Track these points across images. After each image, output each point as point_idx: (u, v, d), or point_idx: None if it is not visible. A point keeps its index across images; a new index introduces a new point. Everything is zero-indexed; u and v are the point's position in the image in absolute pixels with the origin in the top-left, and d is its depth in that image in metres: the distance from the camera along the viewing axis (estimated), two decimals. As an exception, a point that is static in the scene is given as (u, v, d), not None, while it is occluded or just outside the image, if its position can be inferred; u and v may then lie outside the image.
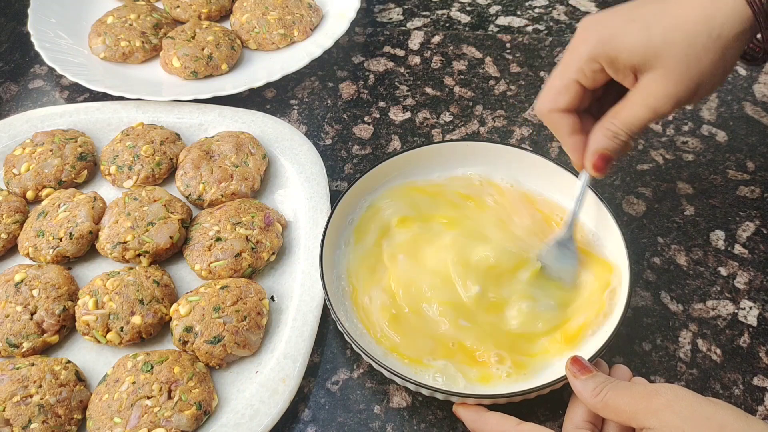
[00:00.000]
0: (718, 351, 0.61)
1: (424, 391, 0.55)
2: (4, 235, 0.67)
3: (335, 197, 0.72)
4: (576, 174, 0.63)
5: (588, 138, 0.58)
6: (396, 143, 0.77)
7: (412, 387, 0.55)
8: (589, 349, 0.56)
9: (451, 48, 0.88)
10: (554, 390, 0.55)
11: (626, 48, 0.53)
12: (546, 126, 0.61)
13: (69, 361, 0.59)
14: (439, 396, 0.55)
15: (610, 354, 0.60)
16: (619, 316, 0.56)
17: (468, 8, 0.93)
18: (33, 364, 0.57)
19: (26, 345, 0.59)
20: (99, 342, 0.60)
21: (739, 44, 0.52)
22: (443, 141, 0.76)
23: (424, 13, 0.92)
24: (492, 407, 0.54)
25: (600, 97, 0.59)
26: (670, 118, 0.78)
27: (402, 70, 0.85)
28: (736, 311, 0.63)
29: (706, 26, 0.52)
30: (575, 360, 0.52)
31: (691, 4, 0.52)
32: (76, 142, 0.73)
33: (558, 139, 0.60)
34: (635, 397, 0.48)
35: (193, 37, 0.82)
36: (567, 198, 0.65)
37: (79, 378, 0.58)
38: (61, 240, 0.65)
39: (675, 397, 0.46)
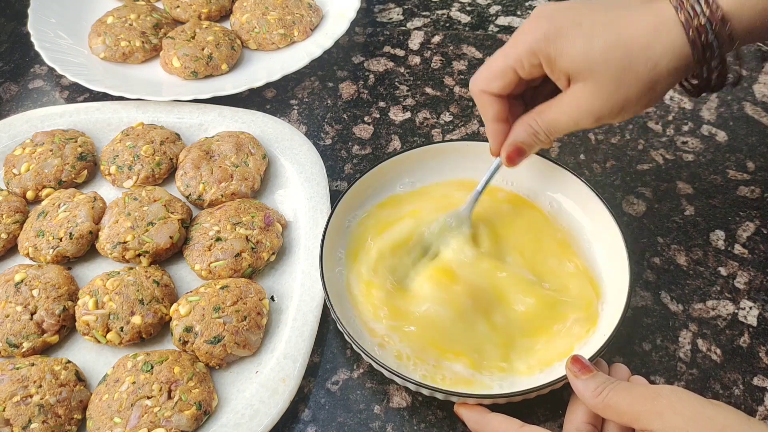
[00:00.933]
0: (718, 351, 0.61)
1: (425, 391, 0.55)
2: (4, 235, 0.67)
3: (335, 197, 0.72)
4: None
5: (510, 127, 0.59)
6: (396, 143, 0.77)
7: (412, 387, 0.55)
8: (588, 349, 0.56)
9: (451, 48, 0.88)
10: (554, 390, 0.55)
11: (566, 52, 0.53)
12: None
13: (69, 361, 0.59)
14: (439, 396, 0.55)
15: (610, 354, 0.60)
16: (618, 316, 0.56)
17: (468, 8, 0.93)
18: (33, 364, 0.57)
19: (26, 345, 0.59)
20: (99, 342, 0.60)
21: (672, 79, 0.53)
22: (443, 141, 0.76)
23: (424, 13, 0.92)
24: (492, 407, 0.54)
25: (537, 86, 0.59)
26: (670, 117, 0.78)
27: (402, 70, 0.85)
28: (736, 311, 0.63)
29: (644, 53, 0.52)
30: (576, 359, 0.52)
31: (636, 26, 0.52)
32: (76, 142, 0.73)
33: (482, 120, 0.61)
34: (637, 398, 0.48)
35: (193, 37, 0.82)
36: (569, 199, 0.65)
37: (79, 378, 0.58)
38: (61, 240, 0.65)
39: (677, 399, 0.46)
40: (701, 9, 0.50)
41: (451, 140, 0.76)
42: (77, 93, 0.84)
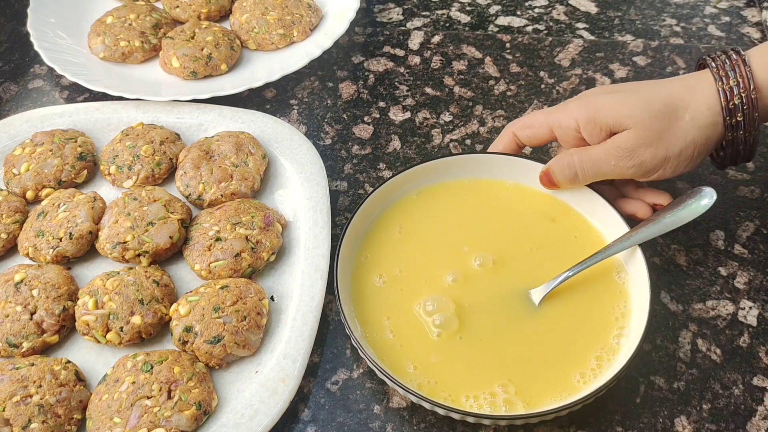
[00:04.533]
0: (718, 351, 0.61)
1: (426, 405, 0.55)
2: (3, 235, 0.67)
3: (335, 197, 0.72)
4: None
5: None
6: (396, 143, 0.77)
7: (414, 399, 0.55)
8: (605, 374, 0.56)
9: (451, 48, 0.88)
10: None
11: (606, 107, 0.60)
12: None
13: (69, 361, 0.59)
14: (441, 411, 0.54)
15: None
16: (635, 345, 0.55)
17: (468, 8, 0.93)
18: (33, 364, 0.57)
19: (26, 345, 0.59)
20: (99, 342, 0.60)
21: (707, 133, 0.59)
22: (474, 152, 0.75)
23: (423, 13, 0.92)
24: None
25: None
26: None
27: (402, 70, 0.85)
28: (735, 311, 0.63)
29: (681, 103, 0.59)
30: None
31: (673, 84, 0.60)
32: (75, 142, 0.73)
33: (494, 142, 0.68)
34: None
35: (193, 37, 0.82)
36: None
37: (79, 378, 0.58)
38: (60, 240, 0.65)
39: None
40: (734, 77, 0.58)
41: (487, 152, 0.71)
42: (77, 93, 0.84)
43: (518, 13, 0.92)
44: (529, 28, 0.89)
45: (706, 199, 0.62)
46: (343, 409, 0.59)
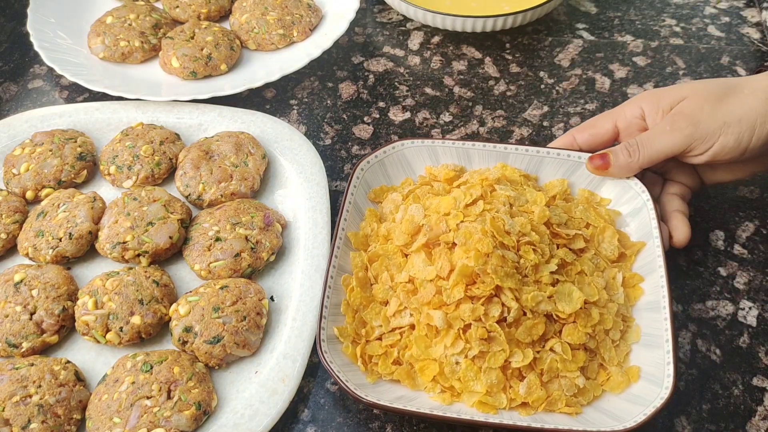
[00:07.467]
0: (718, 351, 0.61)
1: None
2: (3, 235, 0.66)
3: (335, 197, 0.72)
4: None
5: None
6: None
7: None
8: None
9: (451, 48, 0.88)
10: None
11: (670, 89, 0.62)
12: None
13: (68, 361, 0.59)
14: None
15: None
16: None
17: (467, 8, 0.93)
18: (32, 364, 0.57)
19: (25, 345, 0.59)
20: (98, 342, 0.60)
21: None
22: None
23: (423, 14, 0.92)
24: None
25: None
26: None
27: (402, 70, 0.85)
28: (735, 311, 0.63)
29: (749, 85, 0.59)
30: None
31: (741, 80, 0.61)
32: (75, 142, 0.73)
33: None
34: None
35: (192, 38, 0.82)
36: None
37: (79, 378, 0.58)
38: (60, 240, 0.64)
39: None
40: None
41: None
42: (77, 93, 0.84)
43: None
44: (529, 28, 0.89)
45: None
46: (342, 409, 0.59)
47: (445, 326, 0.55)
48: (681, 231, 0.62)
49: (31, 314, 0.60)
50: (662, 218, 0.63)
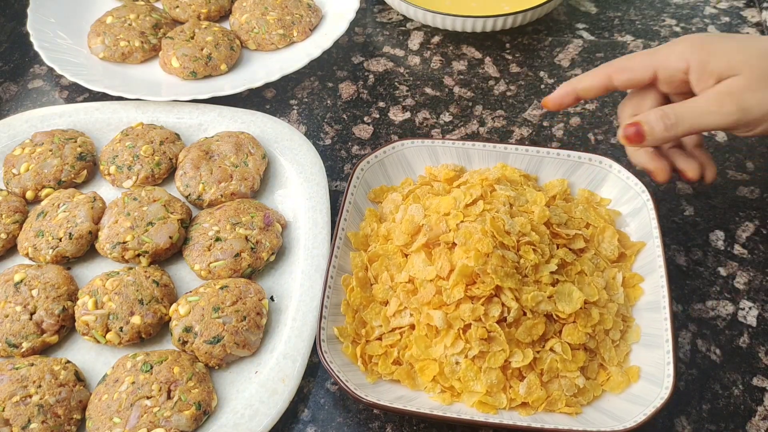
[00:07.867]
0: (718, 351, 0.61)
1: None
2: (3, 235, 0.66)
3: (335, 197, 0.72)
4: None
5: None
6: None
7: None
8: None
9: (451, 48, 0.88)
10: None
11: (721, 52, 0.55)
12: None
13: (68, 361, 0.59)
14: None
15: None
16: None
17: (467, 8, 0.93)
18: (32, 364, 0.57)
19: (25, 345, 0.59)
20: (98, 342, 0.60)
21: None
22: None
23: (423, 14, 0.92)
24: None
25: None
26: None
27: (402, 70, 0.85)
28: (735, 311, 0.63)
29: None
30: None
31: None
32: (75, 142, 0.73)
33: (579, 77, 0.62)
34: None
35: (192, 38, 0.82)
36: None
37: (79, 378, 0.58)
38: (60, 240, 0.64)
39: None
40: None
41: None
42: (77, 93, 0.84)
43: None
44: (529, 28, 0.89)
45: None
46: (342, 409, 0.59)
47: (445, 326, 0.55)
48: (711, 169, 0.61)
49: (31, 314, 0.60)
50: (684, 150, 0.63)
